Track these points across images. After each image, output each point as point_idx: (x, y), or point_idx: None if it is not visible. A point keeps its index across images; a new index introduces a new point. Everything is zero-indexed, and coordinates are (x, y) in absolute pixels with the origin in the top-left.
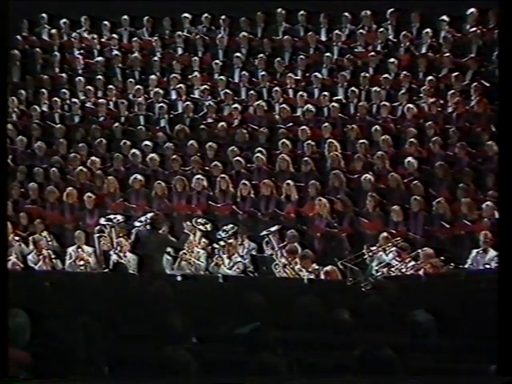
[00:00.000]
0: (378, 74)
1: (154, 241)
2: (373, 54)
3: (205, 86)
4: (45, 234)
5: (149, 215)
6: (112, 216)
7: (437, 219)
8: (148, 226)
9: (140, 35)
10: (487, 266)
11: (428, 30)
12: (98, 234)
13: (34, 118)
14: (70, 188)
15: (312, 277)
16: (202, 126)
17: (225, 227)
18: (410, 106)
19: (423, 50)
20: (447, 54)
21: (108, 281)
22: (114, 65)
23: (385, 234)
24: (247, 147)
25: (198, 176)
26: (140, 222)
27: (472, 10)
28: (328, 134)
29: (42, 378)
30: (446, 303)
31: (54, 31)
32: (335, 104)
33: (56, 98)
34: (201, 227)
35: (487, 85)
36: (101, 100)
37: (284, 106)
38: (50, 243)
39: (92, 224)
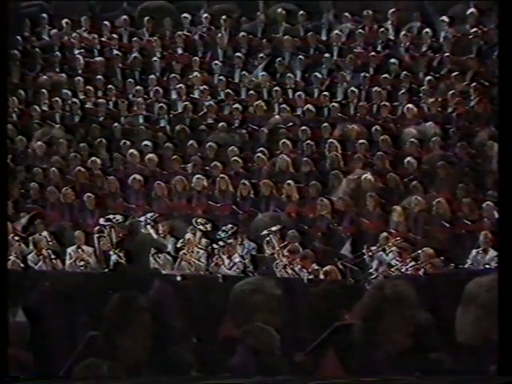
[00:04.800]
0: (378, 74)
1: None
2: (373, 53)
3: (205, 86)
4: (45, 233)
5: (149, 215)
6: (112, 216)
7: (437, 219)
8: (148, 226)
9: (140, 35)
10: (487, 266)
11: (428, 29)
12: (97, 234)
13: (34, 118)
14: (66, 187)
15: (312, 277)
16: (202, 127)
17: (224, 227)
18: (410, 106)
19: (423, 50)
20: (447, 54)
21: (108, 281)
22: (114, 65)
23: (385, 233)
24: (247, 147)
25: (198, 176)
26: (140, 221)
27: (472, 10)
28: (328, 134)
29: (41, 378)
30: (445, 303)
31: (54, 31)
32: (335, 104)
33: (56, 98)
34: (201, 227)
35: (487, 85)
36: (101, 100)
37: (284, 105)
38: (50, 243)
39: (92, 224)
